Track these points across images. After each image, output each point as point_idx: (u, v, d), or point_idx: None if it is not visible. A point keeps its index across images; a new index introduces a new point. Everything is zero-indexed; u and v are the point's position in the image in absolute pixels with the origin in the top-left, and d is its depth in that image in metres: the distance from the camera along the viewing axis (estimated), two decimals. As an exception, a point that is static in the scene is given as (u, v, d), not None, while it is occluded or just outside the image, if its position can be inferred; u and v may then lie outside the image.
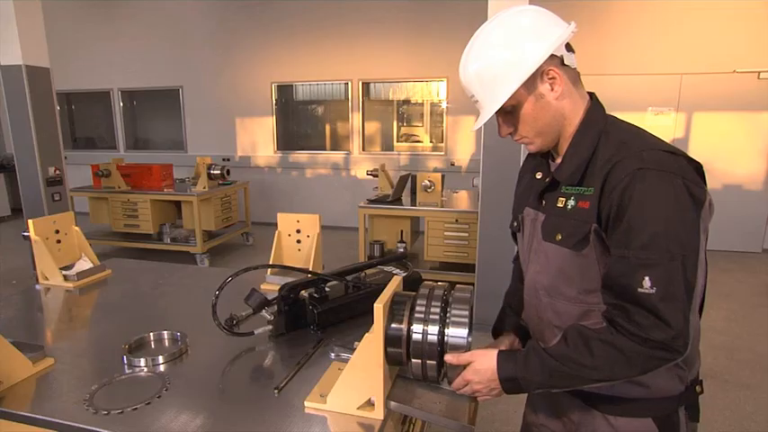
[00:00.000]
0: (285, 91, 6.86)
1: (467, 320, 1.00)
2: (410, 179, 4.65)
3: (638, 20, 5.40)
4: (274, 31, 6.56)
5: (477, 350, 1.03)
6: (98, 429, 0.98)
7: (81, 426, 0.99)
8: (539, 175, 1.10)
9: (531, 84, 0.94)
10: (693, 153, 5.16)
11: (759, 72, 5.16)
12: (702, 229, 0.87)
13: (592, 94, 1.03)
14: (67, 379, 1.18)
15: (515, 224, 1.19)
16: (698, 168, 0.91)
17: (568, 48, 0.96)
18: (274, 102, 6.80)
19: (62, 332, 1.52)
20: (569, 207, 0.97)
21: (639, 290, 0.84)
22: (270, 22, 6.55)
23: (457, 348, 1.00)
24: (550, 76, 0.95)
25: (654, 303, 0.83)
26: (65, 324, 1.61)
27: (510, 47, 0.94)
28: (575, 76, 0.99)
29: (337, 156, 6.72)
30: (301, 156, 6.85)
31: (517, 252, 1.25)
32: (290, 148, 6.92)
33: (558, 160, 1.03)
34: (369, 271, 1.63)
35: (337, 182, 6.77)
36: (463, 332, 0.99)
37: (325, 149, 6.84)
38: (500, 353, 0.99)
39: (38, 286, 1.85)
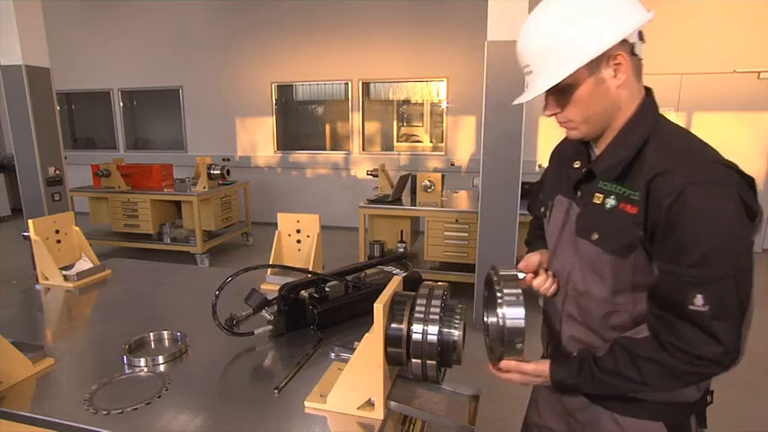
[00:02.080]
0: (285, 91, 6.86)
1: (522, 299, 0.94)
2: (410, 179, 4.65)
3: (638, 20, 5.39)
4: (274, 31, 6.56)
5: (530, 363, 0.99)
6: (98, 429, 0.98)
7: (81, 426, 0.99)
8: (577, 164, 1.03)
9: (594, 65, 0.87)
10: (693, 153, 5.05)
11: (759, 72, 5.16)
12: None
13: (648, 90, 0.95)
14: (67, 379, 1.18)
15: (543, 210, 1.13)
16: (750, 183, 0.86)
17: (640, 36, 0.89)
18: (274, 102, 6.79)
19: (62, 332, 1.52)
20: (608, 206, 0.91)
21: (690, 307, 0.81)
22: (270, 22, 6.55)
23: (516, 332, 0.92)
24: (617, 62, 0.87)
25: (705, 321, 0.81)
26: (65, 324, 1.60)
27: (583, 22, 0.85)
28: (638, 68, 0.91)
29: (337, 156, 6.72)
30: (301, 156, 6.85)
31: (532, 232, 1.26)
32: (290, 148, 6.92)
33: (597, 150, 0.98)
34: (369, 271, 1.63)
35: (337, 182, 6.77)
36: (520, 312, 0.93)
37: (325, 149, 6.83)
38: (552, 360, 0.98)
39: (38, 286, 1.85)
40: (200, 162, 5.51)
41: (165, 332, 1.39)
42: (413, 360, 1.02)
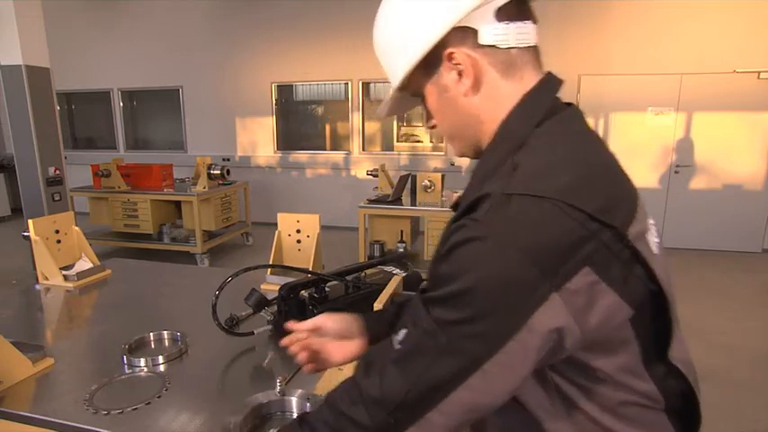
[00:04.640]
0: (285, 91, 6.86)
1: None
2: (410, 179, 4.65)
3: (638, 20, 5.39)
4: (274, 31, 6.56)
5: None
6: (98, 429, 0.98)
7: (81, 426, 0.99)
8: None
9: (430, 68, 0.67)
10: (694, 153, 5.12)
11: (759, 72, 5.16)
12: (548, 323, 0.53)
13: (543, 82, 0.67)
14: (67, 379, 1.18)
15: None
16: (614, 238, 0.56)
17: (506, 15, 0.62)
18: (274, 102, 6.80)
19: (62, 332, 1.52)
20: None
21: (394, 336, 0.63)
22: (270, 22, 6.55)
23: None
24: (455, 62, 0.64)
25: (388, 359, 0.61)
26: (65, 324, 1.61)
27: (403, 15, 0.66)
28: (510, 61, 0.64)
29: (337, 156, 6.72)
30: (301, 156, 6.86)
31: None
32: (290, 147, 6.92)
33: None
34: (369, 271, 1.63)
35: (337, 182, 6.77)
36: None
37: (325, 149, 6.84)
38: None
39: (38, 286, 1.85)
40: (200, 162, 5.52)
41: (165, 332, 1.39)
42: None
